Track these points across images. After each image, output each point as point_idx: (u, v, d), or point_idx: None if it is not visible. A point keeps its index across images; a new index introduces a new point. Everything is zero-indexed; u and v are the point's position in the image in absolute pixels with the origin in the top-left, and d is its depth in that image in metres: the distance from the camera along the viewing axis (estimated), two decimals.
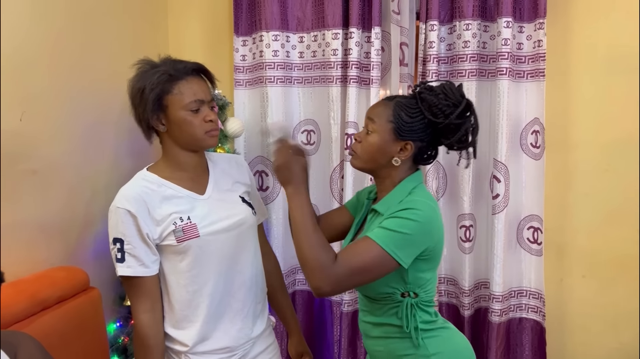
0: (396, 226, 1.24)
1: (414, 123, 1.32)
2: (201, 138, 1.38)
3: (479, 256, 2.38)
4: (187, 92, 1.35)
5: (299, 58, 2.52)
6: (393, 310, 1.35)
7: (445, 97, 1.31)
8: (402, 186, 1.35)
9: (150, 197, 1.36)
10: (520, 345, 2.38)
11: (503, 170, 2.24)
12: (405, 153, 1.34)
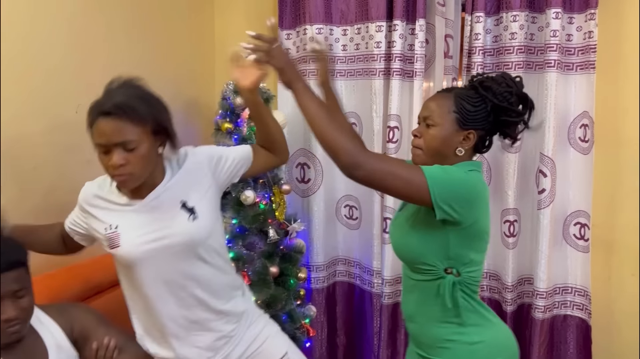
0: (446, 168, 1.27)
1: (478, 112, 1.33)
2: (113, 179, 1.32)
3: (523, 252, 2.35)
4: (95, 134, 1.28)
5: (342, 51, 2.54)
6: (435, 288, 1.34)
7: (507, 86, 1.33)
8: (459, 165, 1.34)
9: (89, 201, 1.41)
10: (564, 342, 2.34)
11: (549, 165, 2.20)
12: (468, 142, 1.35)
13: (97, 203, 1.39)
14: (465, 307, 1.34)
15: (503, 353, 1.39)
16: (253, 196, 2.15)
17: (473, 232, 1.32)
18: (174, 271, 1.35)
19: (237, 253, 2.15)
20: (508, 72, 2.13)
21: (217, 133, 2.28)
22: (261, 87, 2.28)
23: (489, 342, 1.36)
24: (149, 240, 1.32)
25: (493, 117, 1.35)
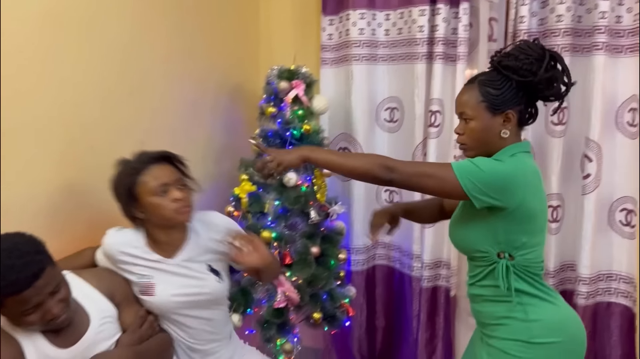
0: (475, 161, 1.32)
1: (504, 93, 1.35)
2: (172, 217, 1.51)
3: (565, 238, 2.32)
4: (150, 179, 1.48)
5: (384, 36, 2.55)
6: (491, 272, 1.39)
7: (526, 55, 1.33)
8: (503, 151, 1.38)
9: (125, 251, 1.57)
10: (607, 330, 2.30)
11: (595, 149, 2.16)
12: (509, 123, 1.38)
13: (125, 259, 1.56)
14: (523, 289, 1.36)
15: (562, 333, 1.39)
16: (295, 178, 2.20)
17: (520, 215, 1.34)
18: (194, 316, 1.61)
19: (280, 233, 2.22)
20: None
21: (261, 117, 2.34)
22: (304, 71, 2.33)
23: (547, 320, 1.37)
24: (182, 293, 1.56)
25: (523, 91, 1.36)
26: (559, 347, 1.37)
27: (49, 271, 1.23)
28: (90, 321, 1.37)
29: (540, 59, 1.33)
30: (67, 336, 1.32)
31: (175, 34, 2.22)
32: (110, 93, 1.89)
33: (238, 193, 2.24)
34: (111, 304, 1.44)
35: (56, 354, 1.28)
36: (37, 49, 1.61)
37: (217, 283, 1.62)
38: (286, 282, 2.16)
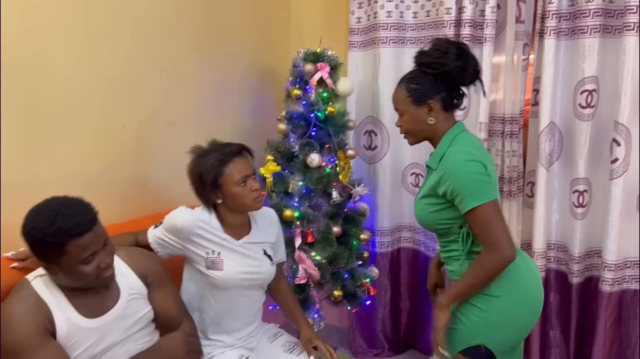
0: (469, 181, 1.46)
1: (423, 85, 1.54)
2: (250, 205, 1.67)
3: (593, 223, 2.28)
4: (235, 171, 1.63)
5: (412, 18, 2.55)
6: (454, 241, 1.57)
7: (436, 49, 1.52)
8: (443, 140, 1.57)
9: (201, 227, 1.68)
10: (634, 318, 2.26)
11: (624, 133, 2.11)
12: (433, 111, 1.56)
13: (201, 233, 1.67)
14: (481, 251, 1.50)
15: (516, 287, 1.53)
16: (318, 159, 2.25)
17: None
18: (242, 294, 1.74)
19: (303, 213, 2.28)
20: (583, 36, 2.11)
21: (287, 100, 2.40)
22: (330, 54, 2.36)
23: (503, 276, 1.49)
24: (245, 271, 1.71)
25: (440, 81, 1.53)
26: (512, 299, 1.52)
27: (99, 223, 1.34)
28: (120, 295, 1.45)
29: (448, 51, 1.50)
30: (96, 307, 1.40)
31: (206, 18, 2.29)
32: (141, 76, 1.99)
33: (263, 173, 2.31)
34: (142, 283, 1.52)
35: (84, 323, 1.36)
36: (76, 36, 1.72)
37: (270, 266, 1.78)
38: (307, 259, 2.22)
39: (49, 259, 1.28)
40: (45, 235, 1.24)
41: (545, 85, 2.22)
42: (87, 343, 1.36)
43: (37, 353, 1.26)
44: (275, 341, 1.81)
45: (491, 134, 2.38)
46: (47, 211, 1.27)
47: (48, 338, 1.30)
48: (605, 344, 2.26)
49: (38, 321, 1.29)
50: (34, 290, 1.34)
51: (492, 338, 1.54)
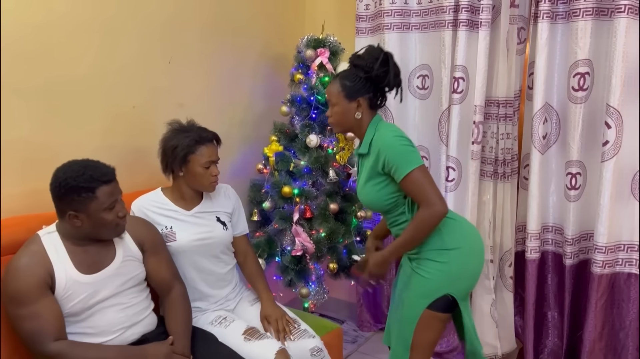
0: (400, 152, 1.64)
1: (356, 84, 1.72)
2: (206, 187, 1.90)
3: (587, 206, 2.30)
4: (205, 154, 1.84)
5: (417, 4, 2.63)
6: (403, 211, 1.74)
7: (369, 55, 1.71)
8: (369, 129, 1.76)
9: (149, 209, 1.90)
10: (627, 300, 2.27)
11: (615, 116, 2.12)
12: (360, 108, 1.74)
13: (151, 213, 1.89)
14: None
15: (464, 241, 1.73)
16: (316, 140, 2.40)
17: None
18: (203, 260, 1.92)
19: (303, 190, 2.43)
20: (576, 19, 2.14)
21: (292, 84, 2.55)
22: (332, 40, 2.49)
23: (454, 232, 1.71)
24: (197, 238, 1.89)
25: (369, 82, 1.72)
26: (465, 250, 1.73)
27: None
28: (116, 256, 1.66)
29: (377, 58, 1.69)
30: (93, 265, 1.60)
31: (218, 6, 2.47)
32: (151, 61, 2.21)
33: (267, 152, 2.49)
34: (138, 249, 1.73)
35: (80, 278, 1.57)
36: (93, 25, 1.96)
37: (223, 231, 1.95)
38: (302, 233, 2.38)
39: (78, 205, 1.50)
40: (79, 182, 1.48)
41: (538, 69, 2.25)
42: (82, 296, 1.57)
43: (35, 304, 1.48)
44: (256, 304, 1.98)
45: (487, 117, 2.43)
46: (76, 165, 1.52)
47: (46, 292, 1.51)
48: (597, 326, 2.28)
49: (40, 276, 1.51)
50: (42, 245, 1.56)
51: (455, 287, 1.71)
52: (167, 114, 2.24)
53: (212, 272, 1.94)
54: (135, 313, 1.67)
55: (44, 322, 1.49)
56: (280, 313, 1.92)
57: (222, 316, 1.89)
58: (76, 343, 1.55)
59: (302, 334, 1.85)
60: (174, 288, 1.79)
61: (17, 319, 1.51)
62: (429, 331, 1.74)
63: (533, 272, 2.41)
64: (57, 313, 1.52)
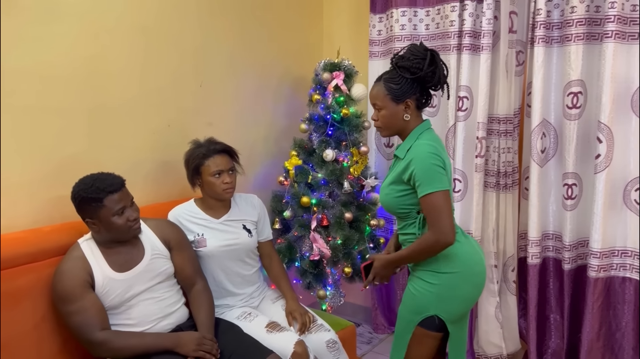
0: (429, 170, 1.67)
1: (402, 86, 1.74)
2: (219, 194, 2.10)
3: (583, 215, 2.48)
4: (212, 165, 2.08)
5: (425, 30, 2.86)
6: (413, 224, 1.78)
7: (414, 56, 1.71)
8: (412, 134, 1.79)
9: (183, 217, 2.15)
10: (622, 303, 2.43)
11: (605, 131, 2.30)
12: (409, 109, 1.77)
13: (184, 221, 2.15)
14: None
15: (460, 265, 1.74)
16: (332, 154, 2.64)
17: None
18: (230, 263, 2.16)
19: (320, 200, 2.66)
20: (568, 44, 2.33)
21: (310, 104, 2.80)
22: (346, 63, 2.73)
23: (449, 255, 1.72)
24: (224, 244, 2.13)
25: (416, 83, 1.74)
26: (458, 276, 1.73)
27: (126, 188, 1.83)
28: (145, 254, 1.90)
29: (424, 58, 1.70)
30: (125, 264, 1.85)
31: (240, 37, 2.75)
32: (184, 85, 2.48)
33: (287, 166, 2.73)
34: (164, 247, 1.97)
35: (115, 276, 1.82)
36: (134, 54, 2.24)
37: (248, 238, 2.19)
38: (320, 239, 2.61)
39: (92, 213, 1.77)
40: (88, 193, 1.74)
41: (535, 88, 2.46)
42: (118, 291, 1.82)
43: (80, 301, 1.74)
44: (277, 302, 2.21)
45: (489, 133, 2.64)
46: (88, 178, 1.78)
47: (88, 290, 1.77)
48: (594, 326, 2.45)
49: (81, 277, 1.76)
50: (81, 251, 1.82)
51: (443, 309, 1.74)
52: (198, 132, 2.51)
53: (238, 274, 2.17)
54: (168, 305, 1.91)
55: (89, 315, 1.74)
56: (304, 309, 2.14)
57: (247, 311, 2.12)
58: (119, 332, 1.80)
59: (319, 328, 2.07)
60: (197, 283, 2.03)
61: (66, 315, 1.76)
62: (422, 347, 1.78)
63: (535, 277, 2.59)
64: (99, 307, 1.77)
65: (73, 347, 1.86)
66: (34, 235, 1.89)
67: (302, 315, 2.09)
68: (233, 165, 2.15)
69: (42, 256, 1.85)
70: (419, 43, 1.78)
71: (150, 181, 2.35)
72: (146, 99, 2.32)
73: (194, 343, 1.80)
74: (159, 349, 1.77)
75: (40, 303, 1.81)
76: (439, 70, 1.74)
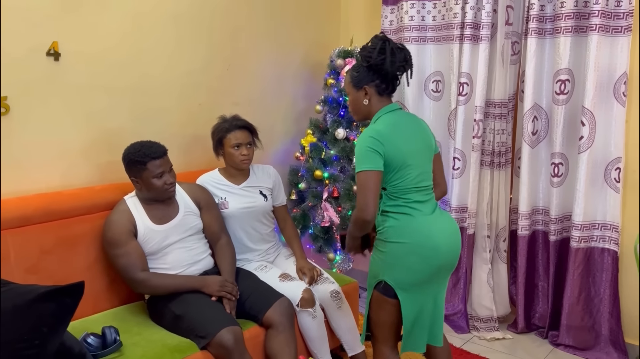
0: (359, 151, 1.81)
1: (360, 73, 1.87)
2: (237, 164, 2.43)
3: (568, 191, 2.74)
4: (232, 138, 2.40)
5: (432, 21, 3.12)
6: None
7: (371, 44, 1.84)
8: (373, 118, 1.90)
9: (209, 183, 2.48)
10: (601, 271, 2.69)
11: (588, 115, 2.56)
12: (368, 95, 1.88)
13: (211, 186, 2.47)
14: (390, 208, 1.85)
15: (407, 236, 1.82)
16: (343, 133, 2.94)
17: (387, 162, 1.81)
18: (248, 222, 2.48)
19: (332, 174, 2.98)
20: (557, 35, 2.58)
21: (325, 87, 3.10)
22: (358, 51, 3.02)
23: (397, 227, 1.82)
24: (243, 207, 2.45)
25: (372, 71, 1.84)
26: (404, 247, 1.81)
27: (167, 156, 2.17)
28: (179, 211, 2.25)
29: (375, 47, 1.81)
30: (163, 217, 2.20)
31: (264, 26, 3.07)
32: (213, 68, 2.82)
33: (303, 143, 3.05)
34: (195, 206, 2.32)
35: (154, 227, 2.17)
36: (167, 40, 2.59)
37: (264, 201, 2.52)
38: (330, 208, 2.93)
39: (136, 173, 2.12)
40: (135, 156, 2.09)
41: (528, 76, 2.72)
42: (156, 240, 2.17)
43: (125, 246, 2.10)
44: (290, 259, 2.54)
45: (486, 116, 2.91)
46: (137, 144, 2.14)
47: (132, 238, 2.12)
48: (574, 291, 2.72)
49: (126, 226, 2.12)
50: (127, 205, 2.18)
51: (389, 275, 1.84)
52: (225, 110, 2.83)
53: (256, 232, 2.51)
54: (197, 254, 2.26)
55: (132, 258, 2.10)
56: (312, 265, 2.48)
57: (263, 264, 2.46)
58: (156, 273, 2.16)
59: (324, 280, 2.40)
60: (222, 238, 2.37)
61: (113, 258, 2.13)
62: (380, 311, 1.88)
63: (524, 247, 2.87)
64: (140, 252, 2.13)
65: (118, 286, 2.24)
66: (87, 192, 2.27)
67: (310, 270, 2.42)
68: (252, 139, 2.47)
69: (94, 210, 2.22)
70: (380, 33, 1.89)
71: (183, 152, 2.70)
72: (180, 81, 2.67)
73: (218, 284, 2.15)
74: (188, 289, 2.13)
75: (92, 248, 2.19)
76: (388, 58, 1.80)
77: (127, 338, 1.95)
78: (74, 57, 2.25)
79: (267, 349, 2.13)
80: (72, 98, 2.27)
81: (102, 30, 2.34)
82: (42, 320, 1.45)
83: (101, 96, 2.37)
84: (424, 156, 1.92)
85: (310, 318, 2.25)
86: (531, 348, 2.83)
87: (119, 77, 2.42)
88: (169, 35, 2.60)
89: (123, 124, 2.45)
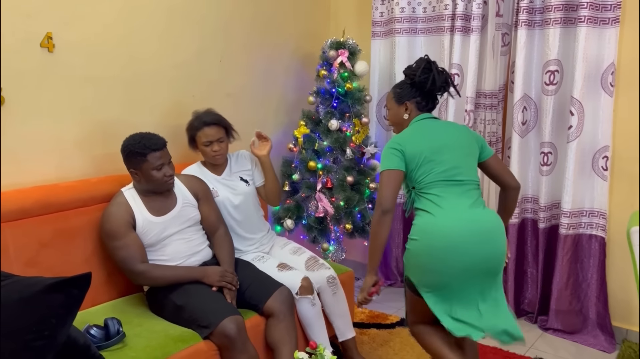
0: (384, 152, 1.96)
1: (402, 90, 2.04)
2: (211, 159, 2.44)
3: (557, 179, 2.81)
4: (202, 135, 2.39)
5: (422, 12, 3.16)
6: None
7: (416, 64, 2.01)
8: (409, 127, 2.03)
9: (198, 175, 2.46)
10: (588, 257, 2.77)
11: (577, 105, 2.62)
12: (407, 110, 2.04)
13: (197, 175, 2.45)
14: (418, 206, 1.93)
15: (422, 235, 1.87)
16: (336, 124, 2.96)
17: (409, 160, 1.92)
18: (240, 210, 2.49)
19: (325, 165, 3.00)
20: (547, 27, 2.63)
21: (317, 78, 3.12)
22: (351, 42, 3.04)
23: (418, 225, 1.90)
24: (229, 193, 2.46)
25: (415, 88, 2.01)
26: (418, 243, 1.88)
27: (167, 148, 2.16)
28: (177, 203, 2.25)
29: (419, 67, 1.97)
30: (161, 209, 2.19)
31: (256, 18, 3.07)
32: (206, 59, 2.81)
33: (296, 134, 3.06)
34: (193, 198, 2.31)
35: (152, 219, 2.16)
36: (158, 30, 2.57)
37: (245, 187, 2.53)
38: (324, 199, 2.95)
39: (135, 165, 2.11)
40: (135, 148, 2.08)
41: (518, 67, 2.77)
42: (155, 231, 2.16)
43: (124, 238, 2.09)
44: (285, 248, 2.57)
45: (477, 106, 2.96)
46: (137, 136, 2.13)
47: (131, 229, 2.12)
48: (563, 277, 2.80)
49: (125, 218, 2.11)
50: (124, 197, 2.17)
51: (411, 272, 1.93)
52: (218, 102, 2.84)
53: (247, 218, 2.51)
54: (195, 245, 2.27)
55: (131, 250, 2.10)
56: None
57: (260, 255, 2.48)
58: (156, 265, 2.16)
59: (320, 266, 2.43)
60: (220, 229, 2.37)
61: (112, 250, 2.12)
62: (411, 305, 2.01)
63: (514, 234, 2.93)
64: (139, 244, 2.13)
65: (116, 278, 2.24)
66: (84, 184, 2.25)
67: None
68: (224, 134, 2.43)
69: (91, 202, 2.21)
70: (425, 55, 2.04)
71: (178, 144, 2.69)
72: (174, 72, 2.66)
73: (218, 274, 2.16)
74: (188, 280, 2.14)
75: (89, 241, 2.18)
76: (432, 76, 1.96)
77: (129, 329, 1.95)
78: (69, 48, 2.22)
79: (268, 338, 2.16)
80: (67, 89, 2.25)
81: (97, 22, 2.31)
82: (51, 311, 1.45)
83: (95, 87, 2.35)
84: (455, 152, 1.95)
85: (309, 305, 2.28)
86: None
87: (114, 68, 2.40)
88: (163, 27, 2.58)
89: (117, 116, 2.44)
